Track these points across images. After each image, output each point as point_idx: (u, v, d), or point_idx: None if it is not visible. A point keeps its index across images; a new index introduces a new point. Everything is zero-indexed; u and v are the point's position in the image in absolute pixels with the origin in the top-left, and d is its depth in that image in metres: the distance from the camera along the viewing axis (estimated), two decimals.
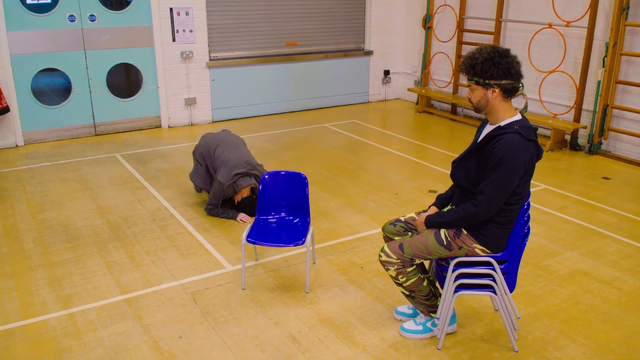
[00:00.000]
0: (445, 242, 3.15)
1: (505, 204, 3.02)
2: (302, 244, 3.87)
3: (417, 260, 3.21)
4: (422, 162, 6.77)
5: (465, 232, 3.13)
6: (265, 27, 8.66)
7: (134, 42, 7.69)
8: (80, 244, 4.64)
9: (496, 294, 3.22)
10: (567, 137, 7.41)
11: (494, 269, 3.16)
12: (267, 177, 4.23)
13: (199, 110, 8.33)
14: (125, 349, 3.36)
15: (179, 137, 7.73)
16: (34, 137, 7.35)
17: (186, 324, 3.61)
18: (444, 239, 3.15)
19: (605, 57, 6.83)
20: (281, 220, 4.24)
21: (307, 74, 9.14)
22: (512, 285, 3.27)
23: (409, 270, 3.22)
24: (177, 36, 7.87)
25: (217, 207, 5.09)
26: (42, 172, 6.27)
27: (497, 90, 2.97)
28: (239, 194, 5.07)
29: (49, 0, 7.12)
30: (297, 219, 4.23)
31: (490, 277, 3.20)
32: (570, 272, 4.27)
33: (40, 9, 7.10)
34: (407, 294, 3.33)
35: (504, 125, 3.00)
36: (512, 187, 2.97)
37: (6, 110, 6.88)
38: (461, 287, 3.27)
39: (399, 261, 3.20)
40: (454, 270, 3.19)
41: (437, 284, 3.53)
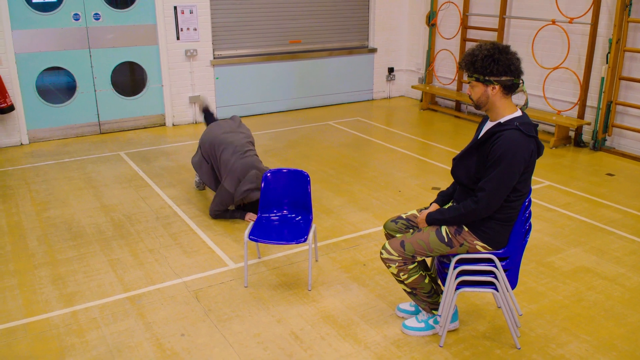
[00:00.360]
0: (446, 239, 3.15)
1: (505, 201, 3.02)
2: (305, 241, 3.88)
3: (418, 257, 3.21)
4: (426, 159, 6.76)
5: (466, 229, 3.13)
6: (269, 25, 8.67)
7: (138, 40, 7.71)
8: (84, 242, 4.67)
9: (498, 291, 3.21)
10: (571, 134, 7.38)
11: (496, 266, 3.16)
12: (269, 174, 4.23)
13: None
14: (127, 347, 3.38)
15: (183, 135, 7.75)
16: (38, 136, 7.38)
17: (188, 321, 3.62)
18: (445, 236, 3.15)
19: (608, 54, 6.80)
20: (283, 218, 4.24)
21: (311, 71, 9.14)
22: (513, 282, 3.26)
23: (411, 267, 3.23)
24: (182, 34, 7.88)
25: (223, 212, 5.03)
26: (47, 171, 6.30)
27: (497, 86, 2.97)
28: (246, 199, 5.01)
29: None
30: (300, 217, 4.23)
31: (491, 274, 3.20)
32: (573, 269, 4.25)
33: (45, 7, 7.13)
34: (408, 291, 3.33)
35: (504, 121, 3.00)
36: (513, 184, 2.96)
37: (11, 108, 6.90)
38: (463, 285, 3.26)
39: (400, 258, 3.20)
40: (455, 267, 3.19)
41: (439, 281, 3.53)
